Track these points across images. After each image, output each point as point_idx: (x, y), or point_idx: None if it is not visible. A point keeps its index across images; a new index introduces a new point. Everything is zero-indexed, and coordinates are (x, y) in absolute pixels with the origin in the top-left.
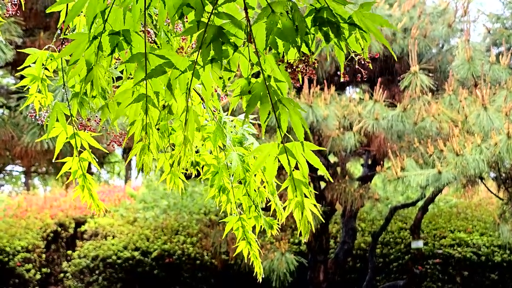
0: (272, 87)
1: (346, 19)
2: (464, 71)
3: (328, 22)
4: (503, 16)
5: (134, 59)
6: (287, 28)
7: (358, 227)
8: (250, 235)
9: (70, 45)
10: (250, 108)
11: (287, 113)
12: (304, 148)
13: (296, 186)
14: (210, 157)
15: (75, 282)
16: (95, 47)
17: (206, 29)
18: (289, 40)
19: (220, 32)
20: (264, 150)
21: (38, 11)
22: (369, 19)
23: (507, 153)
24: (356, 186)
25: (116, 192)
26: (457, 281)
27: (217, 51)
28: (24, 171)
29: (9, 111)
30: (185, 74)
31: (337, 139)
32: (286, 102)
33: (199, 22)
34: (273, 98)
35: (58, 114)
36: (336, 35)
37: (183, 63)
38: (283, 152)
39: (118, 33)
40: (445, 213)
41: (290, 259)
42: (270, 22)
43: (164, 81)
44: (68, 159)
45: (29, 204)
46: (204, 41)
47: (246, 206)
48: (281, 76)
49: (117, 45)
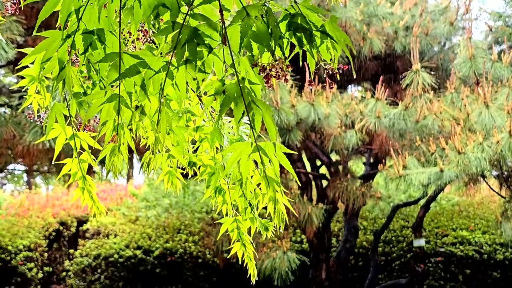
0: (246, 88)
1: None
2: (466, 69)
3: (302, 28)
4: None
5: (107, 58)
6: (262, 32)
7: (360, 225)
8: (245, 236)
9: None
10: (223, 108)
11: (260, 114)
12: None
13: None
14: (207, 158)
15: (77, 281)
16: (68, 45)
17: (181, 30)
18: (263, 44)
19: (195, 33)
20: (238, 148)
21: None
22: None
23: (509, 151)
24: (358, 185)
25: (118, 191)
26: (459, 279)
27: (191, 52)
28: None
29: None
30: (159, 75)
31: (339, 138)
32: (260, 104)
33: (174, 23)
34: (246, 99)
35: (57, 115)
36: (308, 42)
37: (157, 63)
38: (256, 150)
39: (92, 32)
40: (447, 211)
41: (292, 258)
42: (245, 25)
43: (138, 81)
44: (67, 161)
45: (31, 203)
46: (179, 42)
47: (242, 208)
48: (255, 78)
49: (91, 44)
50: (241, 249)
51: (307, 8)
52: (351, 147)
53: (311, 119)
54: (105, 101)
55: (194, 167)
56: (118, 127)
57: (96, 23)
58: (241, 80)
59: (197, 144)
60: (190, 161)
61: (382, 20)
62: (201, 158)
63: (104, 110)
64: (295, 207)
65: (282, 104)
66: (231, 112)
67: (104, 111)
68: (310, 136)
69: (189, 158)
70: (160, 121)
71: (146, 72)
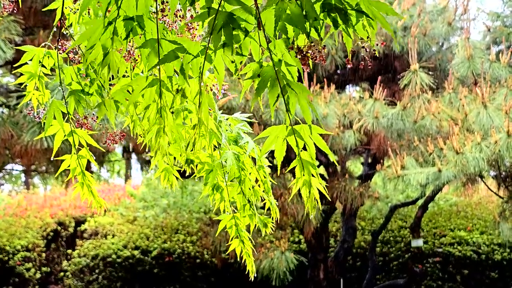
0: (281, 72)
1: (354, 6)
2: (464, 69)
3: (336, 8)
4: (503, 14)
5: (147, 44)
6: (296, 14)
7: (358, 225)
8: (243, 233)
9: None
10: (259, 91)
11: (295, 97)
12: (311, 131)
13: (304, 166)
14: (204, 155)
15: (75, 281)
16: (110, 32)
17: (216, 15)
18: (298, 26)
19: (231, 17)
20: (274, 132)
21: (37, 10)
22: (375, 7)
23: (507, 152)
24: (356, 185)
25: (116, 191)
26: (457, 279)
27: (228, 37)
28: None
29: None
30: (198, 59)
31: (337, 138)
32: (295, 86)
33: (209, 9)
34: (281, 82)
35: (55, 112)
36: (344, 22)
37: (195, 48)
38: (291, 133)
39: (132, 19)
40: (445, 211)
41: (290, 258)
42: (279, 9)
43: (177, 66)
44: (66, 157)
45: (29, 203)
46: (215, 27)
47: (241, 205)
48: (292, 60)
49: (131, 30)
50: (240, 245)
51: None
52: (349, 147)
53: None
54: (147, 86)
55: (191, 164)
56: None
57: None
58: (277, 63)
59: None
60: (188, 159)
61: None
62: (199, 155)
63: (146, 94)
64: (293, 207)
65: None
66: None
67: (147, 95)
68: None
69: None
70: (202, 103)
71: (184, 57)
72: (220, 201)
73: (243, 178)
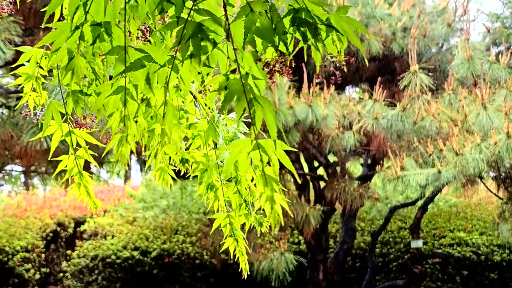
0: (248, 85)
1: (324, 20)
2: (463, 70)
3: (306, 22)
4: (502, 15)
5: (114, 51)
6: (265, 27)
7: (357, 226)
8: (238, 232)
9: (52, 33)
10: (225, 103)
11: (261, 111)
12: (276, 146)
13: (267, 182)
14: (199, 155)
15: (74, 281)
16: (77, 36)
17: (185, 25)
18: (267, 39)
19: (200, 28)
20: (238, 145)
21: (37, 10)
22: (345, 22)
23: (507, 153)
24: (356, 186)
25: (115, 192)
26: (456, 280)
27: (196, 47)
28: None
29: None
30: (164, 69)
31: (336, 139)
32: (261, 100)
33: (179, 18)
34: (248, 95)
35: (53, 112)
36: (313, 36)
37: (162, 57)
38: (256, 148)
39: (100, 25)
40: (444, 212)
41: (289, 259)
42: (249, 21)
43: (143, 74)
44: (64, 157)
45: (28, 204)
46: (184, 36)
47: (236, 204)
48: (259, 73)
49: (98, 36)
50: (233, 244)
51: (312, 2)
52: (349, 148)
53: (309, 120)
54: (111, 93)
55: (186, 164)
56: (125, 118)
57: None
58: (244, 76)
59: (189, 141)
60: (183, 158)
61: (380, 22)
62: (194, 155)
63: (110, 101)
64: (292, 208)
65: (280, 105)
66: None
67: (111, 102)
68: (308, 137)
69: (181, 155)
70: (166, 113)
71: (151, 66)
72: (214, 200)
73: (239, 178)
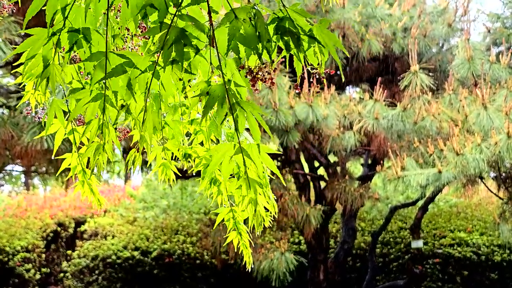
0: (231, 90)
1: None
2: (464, 70)
3: (289, 32)
4: (503, 15)
5: (93, 58)
6: (249, 35)
7: (358, 226)
8: (241, 226)
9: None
10: (207, 109)
11: (244, 115)
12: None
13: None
14: (202, 150)
15: (74, 282)
16: (53, 43)
17: (168, 31)
18: (250, 46)
19: (183, 34)
20: (221, 149)
21: None
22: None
23: (507, 153)
24: (356, 186)
25: (116, 192)
26: (457, 280)
27: (178, 53)
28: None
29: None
30: (145, 74)
31: (337, 139)
32: (245, 105)
33: (161, 23)
34: (231, 100)
35: (56, 111)
36: (296, 46)
37: (143, 63)
38: (238, 152)
39: (78, 31)
40: (445, 212)
41: (289, 259)
42: (233, 28)
43: (124, 80)
44: (67, 155)
45: (29, 204)
46: (166, 42)
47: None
48: (241, 80)
49: (76, 43)
50: (237, 237)
51: (296, 12)
52: (349, 148)
53: (309, 120)
54: (90, 100)
55: (189, 159)
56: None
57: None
58: (226, 82)
59: (192, 137)
60: (185, 153)
61: (381, 22)
62: (196, 150)
63: (89, 109)
64: (293, 208)
65: (280, 105)
66: None
67: (89, 110)
68: (308, 137)
69: (184, 151)
70: (146, 120)
71: (132, 72)
72: (217, 195)
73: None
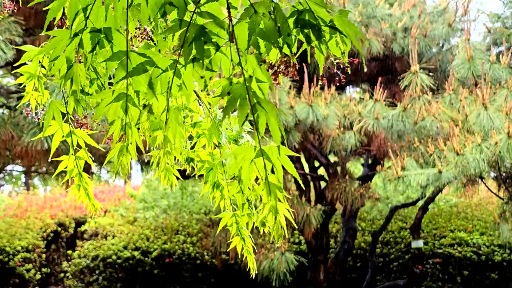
0: (252, 89)
1: (328, 22)
2: (464, 70)
3: (309, 24)
4: (503, 15)
5: (114, 57)
6: (269, 29)
7: (358, 226)
8: (244, 231)
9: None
10: (228, 109)
11: (265, 116)
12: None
13: (271, 190)
14: (204, 153)
15: (75, 282)
16: (75, 44)
17: (188, 28)
18: (271, 41)
19: (202, 31)
20: (241, 153)
21: (38, 11)
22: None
23: (508, 153)
24: (357, 186)
25: (116, 192)
26: (457, 280)
27: (199, 51)
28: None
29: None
30: (166, 73)
31: (337, 139)
32: (265, 105)
33: (181, 21)
34: (252, 100)
35: (54, 112)
36: (317, 38)
37: (164, 62)
38: (259, 155)
39: (100, 31)
40: (445, 212)
41: (290, 259)
42: (253, 23)
43: (145, 80)
44: (64, 158)
45: (29, 204)
46: (186, 40)
47: (240, 203)
48: (263, 76)
49: (98, 43)
50: (241, 243)
51: (315, 4)
52: (350, 148)
53: (310, 120)
54: (112, 100)
55: (191, 163)
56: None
57: (103, 22)
58: (248, 79)
59: (194, 140)
60: (188, 157)
61: (381, 22)
62: (199, 154)
63: (111, 109)
64: (293, 209)
65: (280, 105)
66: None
67: (112, 110)
68: (309, 137)
69: (186, 154)
70: (168, 119)
71: (153, 71)
72: (220, 199)
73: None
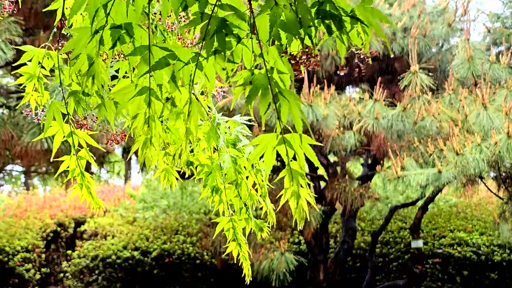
0: (274, 79)
1: (348, 12)
2: (464, 70)
3: (330, 15)
4: (503, 15)
5: (137, 51)
6: (291, 20)
7: (358, 226)
8: (240, 236)
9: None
10: (250, 98)
11: (287, 105)
12: (302, 141)
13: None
14: (204, 157)
15: (74, 282)
16: (96, 41)
17: (209, 21)
18: (292, 32)
19: (224, 23)
20: (263, 140)
21: (38, 11)
22: (369, 14)
23: (507, 153)
24: (356, 186)
25: (115, 192)
26: (456, 280)
27: (220, 43)
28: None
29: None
30: (189, 66)
31: (337, 139)
32: (287, 94)
33: (202, 14)
34: (274, 89)
35: (55, 113)
36: (338, 28)
37: (186, 55)
38: (281, 143)
39: (120, 27)
40: (445, 212)
41: (289, 259)
42: (274, 14)
43: (168, 73)
44: (66, 158)
45: (28, 204)
46: (208, 32)
47: (237, 208)
48: (284, 67)
49: (119, 39)
50: (237, 248)
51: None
52: (349, 148)
53: (309, 120)
54: (135, 94)
55: (191, 166)
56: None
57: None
58: (269, 70)
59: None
60: (187, 161)
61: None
62: (198, 157)
63: (134, 103)
64: None
65: None
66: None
67: (135, 104)
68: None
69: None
70: (191, 112)
71: (175, 64)
72: (219, 203)
73: (239, 181)
